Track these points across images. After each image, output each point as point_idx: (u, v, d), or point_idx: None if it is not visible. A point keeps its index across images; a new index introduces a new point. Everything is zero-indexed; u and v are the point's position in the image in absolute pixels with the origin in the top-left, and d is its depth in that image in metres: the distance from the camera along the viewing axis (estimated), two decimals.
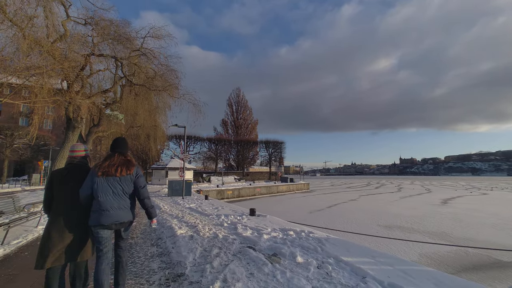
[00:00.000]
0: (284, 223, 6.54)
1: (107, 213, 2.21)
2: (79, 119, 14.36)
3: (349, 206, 21.84)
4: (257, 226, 5.92)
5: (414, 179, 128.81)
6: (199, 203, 10.74)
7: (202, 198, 13.23)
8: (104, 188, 2.26)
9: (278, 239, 4.85)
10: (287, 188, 37.24)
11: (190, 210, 8.96)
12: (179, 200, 12.44)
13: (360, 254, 3.92)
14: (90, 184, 2.26)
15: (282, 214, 16.10)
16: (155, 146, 27.37)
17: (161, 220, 6.90)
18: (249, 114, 54.96)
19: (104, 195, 2.25)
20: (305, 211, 18.34)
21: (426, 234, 11.59)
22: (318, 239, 4.76)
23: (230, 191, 27.24)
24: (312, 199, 28.24)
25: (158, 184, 29.96)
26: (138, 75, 16.43)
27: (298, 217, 15.57)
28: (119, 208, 2.29)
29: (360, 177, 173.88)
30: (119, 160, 2.42)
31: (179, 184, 14.60)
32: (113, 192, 2.30)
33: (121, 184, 2.35)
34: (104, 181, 2.28)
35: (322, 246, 4.32)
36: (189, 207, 9.60)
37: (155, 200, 12.79)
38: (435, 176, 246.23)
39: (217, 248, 4.21)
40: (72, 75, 13.86)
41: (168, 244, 4.61)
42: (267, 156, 48.47)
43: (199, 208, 9.14)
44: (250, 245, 4.39)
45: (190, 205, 10.11)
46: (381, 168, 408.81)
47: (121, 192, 2.34)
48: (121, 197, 2.33)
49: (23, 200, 8.92)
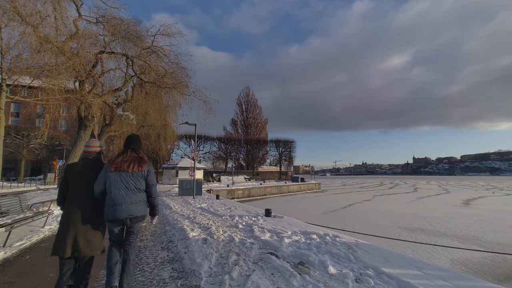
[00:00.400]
0: (304, 225, 6.01)
1: (120, 208, 2.26)
2: (90, 118, 14.30)
3: (364, 206, 20.97)
4: (275, 229, 5.42)
5: (429, 178, 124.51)
6: (210, 203, 10.35)
7: (213, 198, 12.85)
8: (116, 183, 2.31)
9: (301, 243, 4.33)
10: (298, 188, 36.53)
11: (201, 210, 8.56)
12: (190, 199, 12.11)
13: (402, 264, 3.35)
14: (103, 179, 2.32)
15: (294, 214, 15.52)
16: (166, 145, 27.40)
17: (172, 221, 6.52)
18: (258, 113, 54.53)
19: (117, 190, 2.30)
20: (318, 212, 17.68)
21: (453, 238, 10.74)
22: (347, 245, 4.21)
23: (240, 190, 26.85)
24: (325, 199, 27.45)
25: (168, 183, 29.98)
26: (148, 73, 16.26)
27: (312, 218, 14.95)
28: (132, 203, 2.33)
29: (371, 177, 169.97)
30: (131, 157, 2.47)
31: (190, 184, 14.30)
32: (126, 187, 2.34)
33: (133, 180, 2.39)
34: (117, 177, 2.34)
35: (353, 253, 3.77)
36: (200, 207, 9.21)
37: (166, 199, 12.52)
38: (451, 176, 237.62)
39: (235, 254, 3.74)
40: (83, 73, 13.79)
41: (180, 248, 4.18)
42: (277, 155, 47.81)
43: (211, 208, 8.73)
44: (272, 251, 3.90)
45: (201, 205, 9.73)
46: (394, 167, 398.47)
47: (133, 187, 2.38)
48: (133, 192, 2.37)
49: (34, 199, 8.79)
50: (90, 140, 2.64)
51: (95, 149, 2.54)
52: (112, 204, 2.27)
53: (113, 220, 2.27)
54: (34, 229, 5.35)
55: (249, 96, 54.96)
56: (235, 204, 10.27)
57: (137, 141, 2.68)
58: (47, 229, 5.46)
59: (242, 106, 54.56)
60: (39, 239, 4.79)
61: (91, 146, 2.54)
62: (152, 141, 28.28)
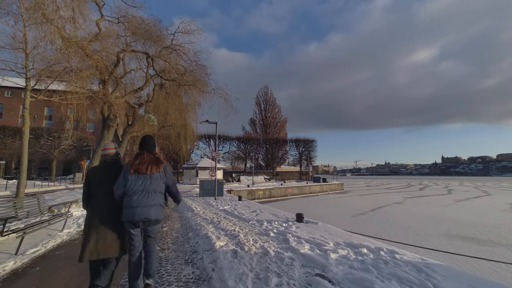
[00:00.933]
0: (346, 234, 5.14)
1: (135, 210, 2.24)
2: (113, 118, 14.34)
3: (395, 209, 19.34)
4: (314, 238, 4.62)
5: (461, 179, 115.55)
6: (233, 205, 9.74)
7: (235, 199, 12.27)
8: (135, 186, 2.31)
9: (352, 261, 3.50)
10: (320, 188, 35.12)
11: (225, 213, 7.96)
12: (212, 201, 11.62)
13: None
14: (124, 181, 2.33)
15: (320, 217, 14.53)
16: (186, 145, 27.47)
17: (195, 226, 5.95)
18: (277, 112, 53.51)
19: (135, 192, 2.29)
20: (346, 215, 16.48)
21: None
22: (414, 265, 3.31)
23: (261, 191, 26.18)
24: (350, 201, 25.94)
25: (188, 183, 30.08)
26: (168, 72, 16.08)
27: (340, 222, 13.87)
28: (146, 206, 2.29)
29: (396, 178, 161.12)
30: (149, 158, 2.47)
31: (211, 184, 13.84)
32: (143, 189, 2.33)
33: (151, 182, 2.38)
34: (136, 179, 2.34)
35: (429, 279, 2.88)
36: (223, 210, 8.62)
37: (187, 200, 12.14)
38: (486, 177, 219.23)
39: (275, 274, 3.01)
40: (106, 72, 13.82)
41: (206, 262, 3.53)
42: (297, 155, 46.49)
43: (235, 211, 8.10)
44: (319, 272, 3.12)
45: (224, 207, 9.14)
46: (420, 167, 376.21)
47: (151, 190, 2.36)
48: (150, 195, 2.35)
49: (58, 199, 8.70)
50: (106, 143, 2.69)
51: (111, 151, 2.58)
52: (128, 206, 2.26)
53: (129, 222, 2.26)
54: (52, 233, 5.01)
55: (268, 95, 54.16)
56: (260, 206, 9.56)
57: (151, 142, 2.67)
58: (65, 233, 5.10)
59: (261, 106, 53.86)
60: (55, 245, 4.40)
61: (107, 149, 2.59)
62: (172, 141, 28.50)
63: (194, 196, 14.29)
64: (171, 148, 34.75)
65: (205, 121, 12.27)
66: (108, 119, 14.38)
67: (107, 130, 14.57)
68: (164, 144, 37.98)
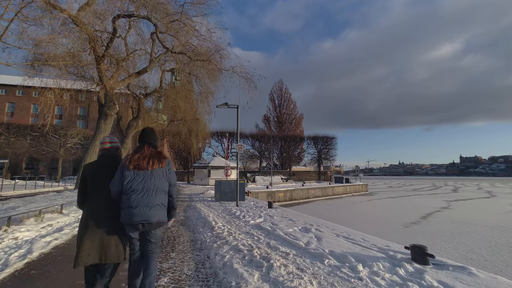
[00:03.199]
0: None
1: (135, 211, 1.95)
2: (110, 104, 11.75)
3: (450, 216, 15.85)
4: None
5: (487, 180, 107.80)
6: (266, 216, 6.86)
7: (262, 206, 9.42)
8: (134, 183, 2.01)
9: None
10: (343, 189, 31.74)
11: (263, 233, 5.08)
12: (233, 208, 8.80)
13: None
14: (121, 178, 2.04)
15: (360, 226, 11.51)
16: (197, 142, 24.79)
17: (224, 275, 3.06)
18: (293, 108, 50.27)
19: (134, 190, 2.00)
20: (393, 224, 13.27)
21: None
22: None
23: (281, 193, 23.23)
24: (383, 205, 22.54)
25: (200, 184, 27.52)
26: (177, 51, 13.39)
27: (395, 235, 10.76)
28: (147, 206, 1.99)
29: (413, 178, 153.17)
30: (150, 152, 2.16)
31: (230, 186, 11.04)
32: (144, 187, 2.02)
33: (153, 179, 2.07)
34: (135, 175, 2.04)
35: None
36: (257, 226, 5.75)
37: (201, 207, 9.37)
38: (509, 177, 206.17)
39: None
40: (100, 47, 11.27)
41: None
42: (315, 153, 43.06)
43: (277, 230, 5.19)
44: None
45: (256, 220, 6.27)
46: (436, 168, 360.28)
47: (152, 188, 2.04)
48: (152, 193, 2.04)
49: (22, 207, 6.12)
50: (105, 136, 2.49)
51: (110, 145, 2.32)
52: (127, 206, 1.98)
53: (128, 224, 1.98)
54: None
55: (282, 91, 50.97)
56: (308, 219, 6.59)
57: (152, 135, 2.31)
58: None
59: (275, 102, 50.73)
60: None
61: (106, 143, 2.32)
62: (182, 138, 26.00)
63: (208, 200, 11.53)
64: (181, 145, 32.38)
65: (223, 104, 9.48)
66: (105, 106, 11.81)
67: (103, 120, 12.02)
68: (174, 142, 35.69)
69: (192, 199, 12.24)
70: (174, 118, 23.87)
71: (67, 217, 5.92)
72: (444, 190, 41.91)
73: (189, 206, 9.88)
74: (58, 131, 31.21)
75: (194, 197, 13.22)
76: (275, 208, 8.61)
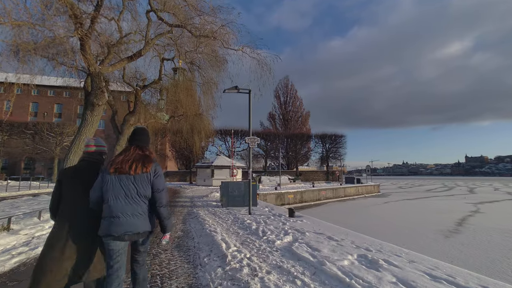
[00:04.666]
0: None
1: (118, 221, 1.73)
2: (98, 92, 9.95)
3: (492, 223, 13.72)
4: None
5: (495, 180, 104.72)
6: (293, 231, 5.00)
7: (279, 213, 7.57)
8: (115, 189, 1.79)
9: None
10: (355, 191, 29.74)
11: (303, 266, 3.20)
12: (245, 216, 6.95)
13: None
14: (101, 184, 1.81)
15: (392, 237, 9.72)
16: (200, 140, 22.94)
17: None
18: (299, 105, 48.23)
19: (115, 198, 1.77)
20: (429, 233, 11.32)
21: None
22: None
23: (291, 195, 21.34)
24: (404, 209, 20.55)
25: (203, 184, 25.73)
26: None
27: (439, 248, 8.87)
28: (133, 215, 1.78)
29: (419, 178, 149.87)
30: (135, 155, 1.91)
31: (239, 189, 9.18)
32: (126, 194, 1.80)
33: (135, 185, 1.83)
34: (116, 181, 1.81)
35: None
36: (288, 249, 3.87)
37: (205, 215, 7.53)
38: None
39: None
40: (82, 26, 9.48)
41: None
42: (323, 152, 40.98)
43: (325, 261, 3.30)
44: None
45: (283, 240, 4.41)
46: (441, 167, 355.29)
47: (135, 195, 1.82)
48: (135, 201, 1.81)
49: None
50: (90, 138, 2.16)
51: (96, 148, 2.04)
52: (107, 216, 1.75)
53: (108, 236, 1.73)
54: None
55: (288, 87, 48.90)
56: (357, 238, 4.68)
57: (143, 135, 2.07)
58: None
59: (280, 99, 48.68)
60: None
61: (90, 145, 2.05)
62: (184, 135, 24.20)
63: (213, 206, 9.68)
64: (183, 144, 30.59)
65: (233, 88, 7.61)
66: (92, 94, 10.00)
67: (90, 110, 10.18)
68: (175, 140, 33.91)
69: (194, 204, 10.43)
70: (174, 114, 22.09)
71: (14, 237, 4.12)
72: (459, 191, 39.67)
73: (190, 213, 8.06)
74: (54, 129, 29.61)
75: (196, 201, 11.41)
76: (299, 218, 6.75)
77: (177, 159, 35.26)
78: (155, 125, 21.35)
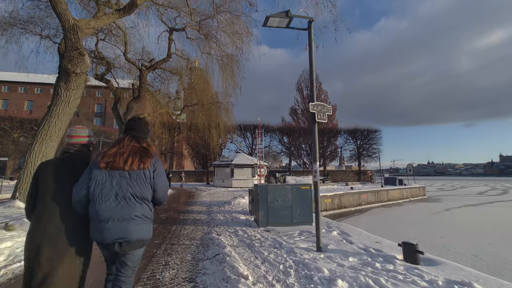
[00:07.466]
0: None
1: (106, 226, 1.40)
2: (75, 54, 6.64)
3: None
4: None
5: None
6: None
7: (378, 253, 3.89)
8: (104, 188, 1.45)
9: None
10: (399, 194, 25.12)
11: None
12: (316, 257, 3.34)
13: None
14: (87, 180, 1.47)
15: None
16: (218, 134, 19.55)
17: None
18: (324, 98, 43.83)
19: (104, 198, 1.44)
20: None
21: None
22: None
23: (328, 199, 17.44)
24: (480, 219, 15.97)
25: (221, 185, 22.46)
26: None
27: None
28: (124, 219, 1.43)
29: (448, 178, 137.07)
30: (131, 147, 1.55)
31: (285, 196, 5.57)
32: (117, 194, 1.46)
33: (130, 183, 1.48)
34: (107, 177, 1.47)
35: None
36: None
37: (233, 249, 3.96)
38: None
39: None
40: None
41: None
42: (355, 149, 36.34)
43: None
44: None
45: None
46: (472, 167, 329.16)
47: (129, 195, 1.47)
48: (128, 203, 1.46)
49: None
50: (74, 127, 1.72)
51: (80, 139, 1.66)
52: (96, 220, 1.43)
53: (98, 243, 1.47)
54: None
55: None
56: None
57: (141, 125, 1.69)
58: None
59: (303, 92, 44.49)
60: None
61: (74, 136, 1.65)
62: (200, 130, 20.92)
63: (243, 223, 6.14)
64: (198, 140, 27.34)
65: (283, 12, 4.05)
66: (65, 58, 6.72)
67: (64, 82, 6.90)
68: (190, 137, 30.84)
69: (212, 218, 6.96)
70: (188, 103, 18.96)
71: None
72: None
73: (206, 240, 4.56)
74: None
75: (215, 213, 7.94)
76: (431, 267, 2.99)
77: (193, 157, 32.44)
78: (165, 115, 18.31)
